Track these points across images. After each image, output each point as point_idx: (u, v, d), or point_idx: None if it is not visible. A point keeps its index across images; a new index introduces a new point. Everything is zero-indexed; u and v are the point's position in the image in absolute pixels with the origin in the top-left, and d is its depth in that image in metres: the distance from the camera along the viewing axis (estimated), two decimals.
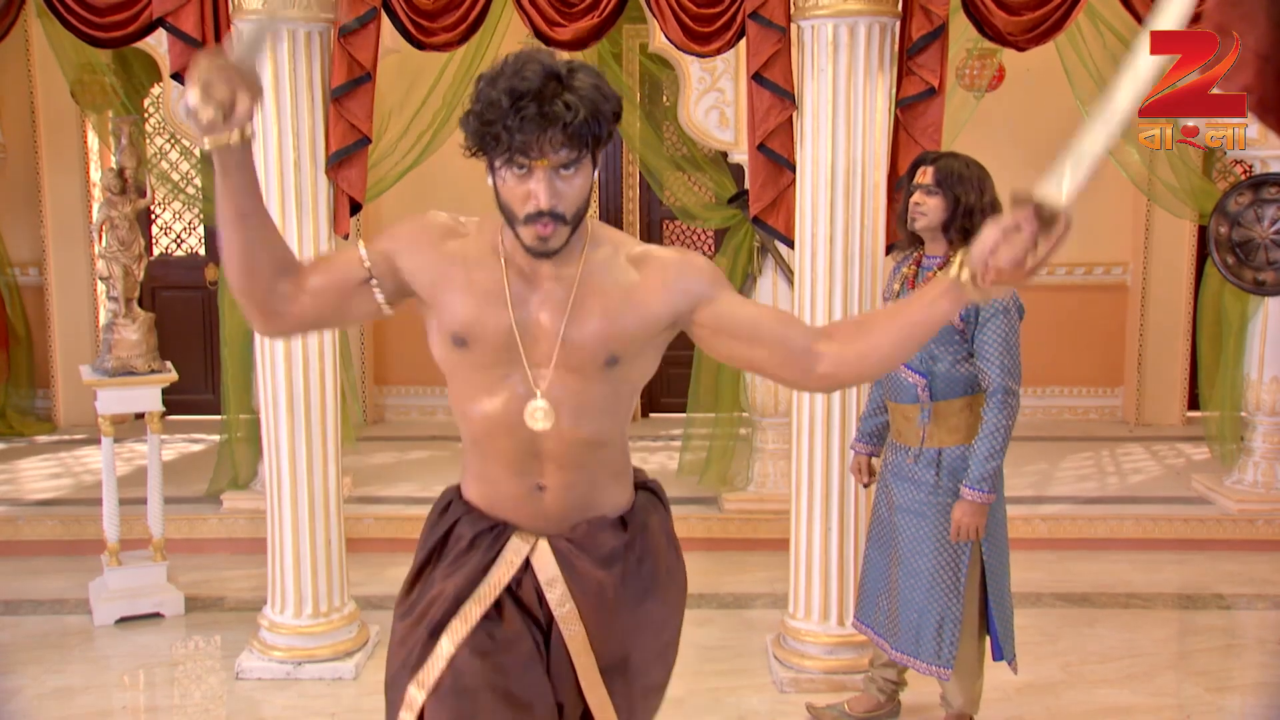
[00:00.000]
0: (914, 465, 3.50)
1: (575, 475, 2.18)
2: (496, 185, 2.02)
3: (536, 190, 1.97)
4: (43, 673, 4.34)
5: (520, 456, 2.16)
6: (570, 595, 2.18)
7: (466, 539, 2.22)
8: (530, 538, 2.20)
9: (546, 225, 1.99)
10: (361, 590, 4.69)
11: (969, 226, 3.37)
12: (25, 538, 5.62)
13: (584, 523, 2.21)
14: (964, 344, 3.41)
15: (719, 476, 5.96)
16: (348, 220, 4.17)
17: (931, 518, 3.46)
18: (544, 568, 2.19)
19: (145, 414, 4.86)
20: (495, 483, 2.22)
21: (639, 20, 5.45)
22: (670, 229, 7.79)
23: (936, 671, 3.48)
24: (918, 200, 3.44)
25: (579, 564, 2.18)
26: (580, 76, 1.96)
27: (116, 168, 4.99)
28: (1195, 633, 4.88)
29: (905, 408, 3.53)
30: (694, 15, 4.04)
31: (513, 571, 2.19)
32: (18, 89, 7.18)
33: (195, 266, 7.56)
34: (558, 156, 1.95)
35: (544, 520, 2.20)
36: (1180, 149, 5.82)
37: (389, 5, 4.04)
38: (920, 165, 3.50)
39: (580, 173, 2.00)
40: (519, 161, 1.96)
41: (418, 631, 2.19)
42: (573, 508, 2.20)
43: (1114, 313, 7.65)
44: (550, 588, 2.18)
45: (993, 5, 4.00)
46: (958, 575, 3.46)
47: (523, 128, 1.92)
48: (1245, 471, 5.90)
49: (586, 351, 2.10)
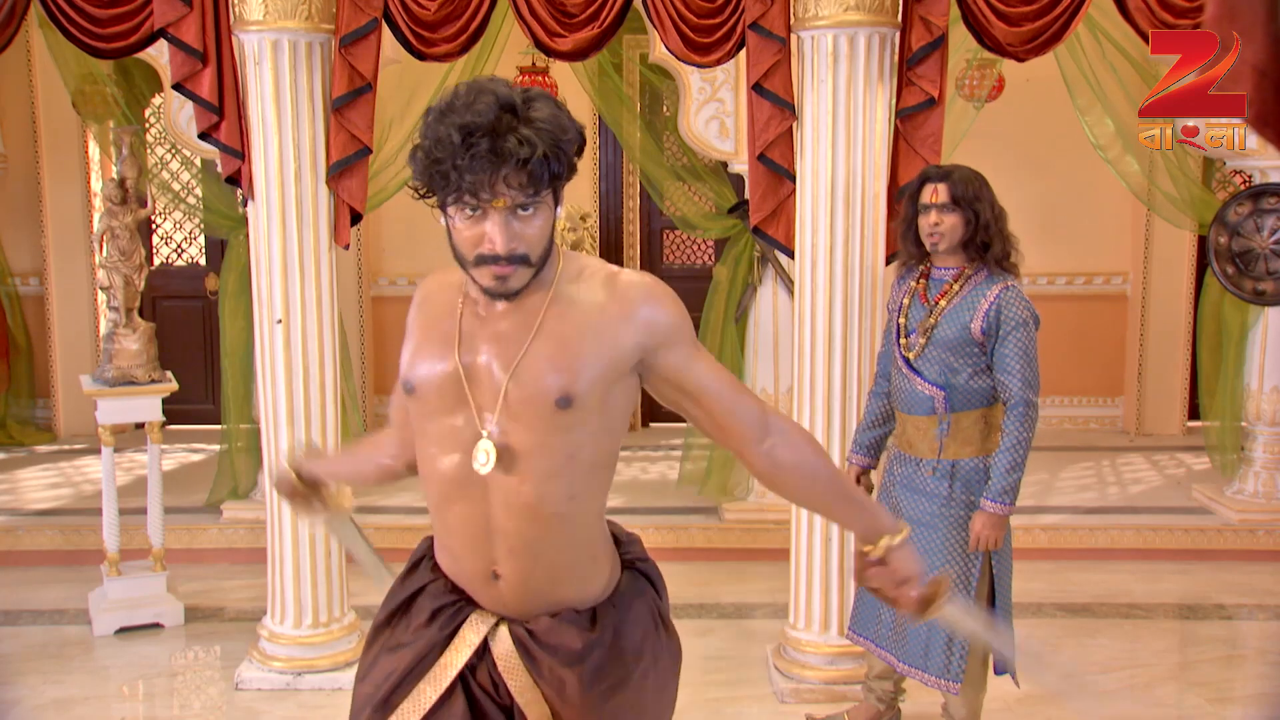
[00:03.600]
0: (927, 477, 3.47)
1: (530, 565, 2.00)
2: (448, 227, 1.88)
3: (491, 233, 1.83)
4: (42, 683, 4.33)
5: (474, 532, 2.00)
6: (533, 685, 2.02)
7: (427, 612, 2.09)
8: (490, 618, 2.05)
9: (504, 267, 1.86)
10: (361, 600, 4.68)
11: (986, 240, 3.39)
12: (25, 548, 5.62)
13: (545, 616, 2.02)
14: (983, 356, 3.40)
15: (719, 486, 5.95)
16: (348, 231, 4.17)
17: (943, 530, 3.44)
18: (503, 655, 2.03)
19: (145, 424, 4.86)
20: (455, 558, 2.08)
21: (639, 31, 5.46)
22: (670, 239, 7.80)
23: (945, 685, 3.45)
24: (936, 220, 3.41)
25: (539, 657, 2.01)
26: (538, 106, 1.82)
27: (117, 178, 5.00)
28: (1196, 643, 4.87)
29: (919, 420, 3.49)
30: (694, 26, 4.05)
31: (469, 654, 2.04)
32: (19, 99, 7.20)
33: (196, 276, 7.57)
34: (513, 196, 1.81)
35: (503, 607, 2.05)
36: (1180, 159, 5.83)
37: (390, 16, 4.05)
38: (927, 182, 3.47)
39: (540, 212, 1.86)
40: (469, 203, 1.82)
41: (371, 705, 2.08)
42: (532, 600, 2.03)
43: (1114, 323, 7.66)
44: (509, 676, 2.02)
45: (992, 16, 4.01)
46: (968, 588, 3.44)
47: (473, 167, 1.77)
48: (1246, 481, 5.90)
49: (534, 388, 1.92)
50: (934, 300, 3.46)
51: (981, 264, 3.44)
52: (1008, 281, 3.41)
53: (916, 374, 3.46)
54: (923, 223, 3.45)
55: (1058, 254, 7.49)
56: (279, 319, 4.10)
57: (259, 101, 4.00)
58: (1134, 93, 5.39)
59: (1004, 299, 3.37)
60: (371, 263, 7.72)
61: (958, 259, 3.46)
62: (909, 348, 3.48)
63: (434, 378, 1.99)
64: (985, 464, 3.44)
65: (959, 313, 3.40)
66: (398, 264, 7.67)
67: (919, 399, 3.48)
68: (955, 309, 3.41)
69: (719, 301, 5.90)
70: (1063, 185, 7.32)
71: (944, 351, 3.41)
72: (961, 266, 3.45)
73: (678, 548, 5.52)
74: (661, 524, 5.60)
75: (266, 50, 3.96)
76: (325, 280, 4.15)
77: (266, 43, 3.95)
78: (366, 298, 7.66)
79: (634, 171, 7.44)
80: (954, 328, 3.39)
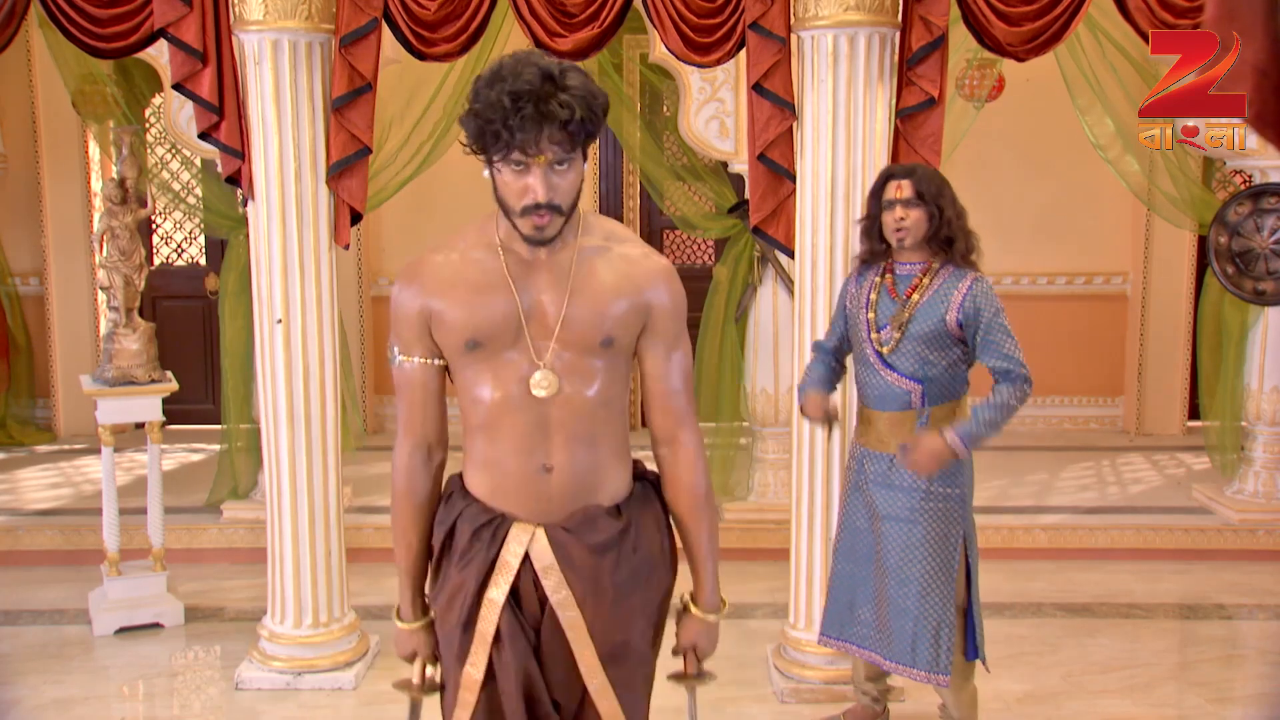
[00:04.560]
0: (901, 471, 3.47)
1: (582, 452, 2.27)
2: (495, 180, 2.17)
3: (534, 185, 2.12)
4: (42, 683, 4.33)
5: (529, 432, 2.25)
6: (565, 582, 2.26)
7: (467, 535, 2.30)
8: (529, 528, 2.28)
9: (543, 216, 2.15)
10: (361, 600, 4.69)
11: (950, 236, 3.44)
12: (25, 547, 5.62)
13: (580, 510, 2.28)
14: (956, 348, 3.42)
15: (719, 486, 5.95)
16: (348, 230, 4.18)
17: (923, 524, 3.45)
18: (540, 555, 2.26)
19: (145, 424, 4.87)
20: (501, 467, 2.28)
21: (639, 30, 5.46)
22: (671, 238, 7.80)
23: (935, 679, 3.45)
24: (901, 215, 3.45)
25: (574, 552, 2.26)
26: (572, 75, 2.10)
27: (117, 178, 5.00)
28: (1196, 643, 4.87)
29: (894, 415, 3.49)
30: (694, 26, 4.05)
31: (518, 561, 2.27)
32: (19, 99, 7.20)
33: (196, 276, 7.57)
34: (554, 152, 2.10)
35: (546, 504, 2.27)
36: (1180, 159, 5.83)
37: (390, 16, 4.05)
38: (891, 179, 3.51)
39: (573, 168, 2.15)
40: (517, 159, 2.10)
41: (450, 626, 2.33)
42: (576, 490, 2.28)
43: (1114, 322, 7.66)
44: (546, 575, 2.26)
45: (992, 16, 4.01)
46: (950, 580, 3.45)
47: (522, 126, 2.05)
48: (1246, 481, 5.90)
49: (585, 331, 2.23)
50: (905, 295, 3.48)
51: (946, 259, 3.48)
52: (977, 274, 3.45)
53: (890, 368, 3.46)
54: (887, 218, 3.49)
55: (1058, 254, 7.50)
56: (279, 319, 4.10)
57: (259, 101, 4.00)
58: (1134, 92, 5.39)
59: (977, 290, 3.40)
60: (371, 263, 7.72)
61: (921, 254, 3.50)
62: (882, 342, 3.48)
63: (498, 322, 2.23)
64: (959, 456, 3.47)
65: (933, 305, 3.42)
66: (398, 264, 7.66)
67: (893, 394, 3.48)
68: (929, 302, 3.43)
69: (719, 301, 5.90)
70: (1063, 185, 7.32)
71: (920, 344, 3.43)
72: (927, 261, 3.49)
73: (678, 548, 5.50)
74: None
75: (266, 50, 3.96)
76: (325, 280, 4.15)
77: (266, 42, 3.95)
78: (366, 298, 7.66)
79: (634, 171, 7.44)
80: (930, 320, 3.41)
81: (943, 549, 3.45)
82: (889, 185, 3.50)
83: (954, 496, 3.45)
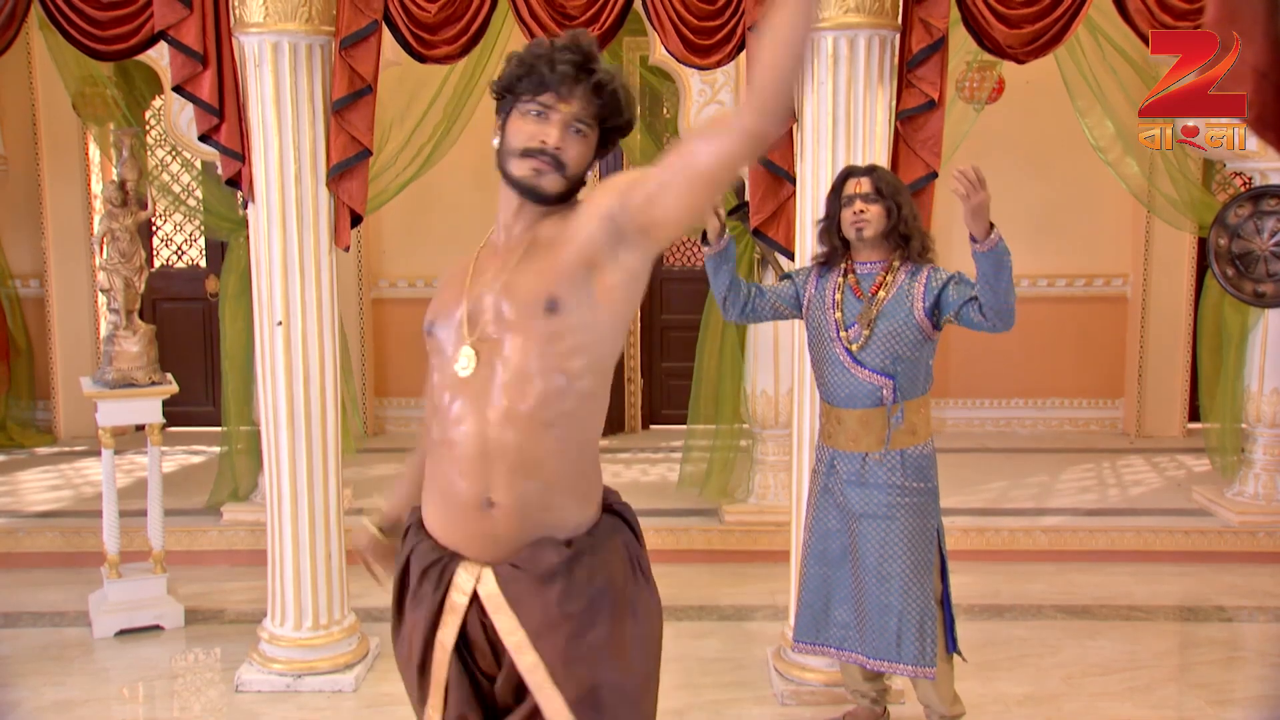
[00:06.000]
0: (876, 468, 3.50)
1: (527, 485, 2.07)
2: (505, 132, 2.13)
3: (549, 131, 2.08)
4: (42, 685, 4.33)
5: (471, 454, 2.07)
6: (518, 623, 2.08)
7: (417, 575, 2.18)
8: (475, 568, 2.12)
9: (546, 162, 2.09)
10: (362, 602, 4.68)
11: (906, 233, 3.51)
12: (25, 550, 5.62)
13: (528, 546, 2.09)
14: (927, 342, 3.49)
15: (719, 488, 5.95)
16: (348, 233, 4.18)
17: (901, 519, 3.48)
18: (489, 597, 2.10)
19: (145, 426, 4.86)
20: (448, 495, 2.13)
21: (640, 33, 5.46)
22: None
23: (922, 672, 3.47)
24: (860, 209, 3.51)
25: (523, 587, 2.08)
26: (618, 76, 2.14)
27: (118, 180, 5.00)
28: (1196, 645, 4.87)
29: (864, 412, 3.52)
30: (694, 28, 4.05)
31: (465, 601, 2.12)
32: (19, 101, 7.21)
33: (196, 278, 7.57)
34: (579, 108, 2.08)
35: (493, 544, 2.10)
36: (1180, 161, 5.83)
37: (390, 18, 4.06)
38: (850, 177, 3.57)
39: (588, 141, 2.12)
40: (544, 102, 2.09)
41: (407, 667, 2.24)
42: (524, 528, 2.09)
43: (1114, 325, 7.66)
44: (496, 616, 2.09)
45: (992, 18, 4.01)
46: (928, 573, 3.50)
47: (561, 72, 2.06)
48: (1246, 483, 5.90)
49: (524, 294, 2.07)
50: (870, 292, 3.52)
51: (905, 256, 3.53)
52: (931, 265, 3.53)
53: (861, 365, 3.49)
54: (846, 214, 3.54)
55: (1058, 256, 7.50)
56: (279, 321, 4.10)
57: (259, 103, 4.00)
58: (1134, 94, 5.39)
59: (932, 273, 3.48)
60: (372, 265, 7.72)
61: (880, 252, 3.55)
62: (851, 340, 3.52)
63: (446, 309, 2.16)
64: (928, 449, 3.54)
65: (899, 301, 3.48)
66: (398, 266, 7.67)
67: (863, 391, 3.50)
68: (895, 298, 3.49)
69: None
70: (1063, 187, 7.32)
71: (889, 340, 3.48)
72: (887, 259, 3.55)
73: (678, 550, 5.52)
74: (661, 526, 5.60)
75: (267, 52, 3.96)
76: (325, 282, 4.15)
77: (267, 45, 3.96)
78: (367, 300, 7.66)
79: None
80: (897, 316, 3.47)
81: (920, 543, 3.49)
82: (848, 182, 3.57)
83: (927, 491, 3.52)
